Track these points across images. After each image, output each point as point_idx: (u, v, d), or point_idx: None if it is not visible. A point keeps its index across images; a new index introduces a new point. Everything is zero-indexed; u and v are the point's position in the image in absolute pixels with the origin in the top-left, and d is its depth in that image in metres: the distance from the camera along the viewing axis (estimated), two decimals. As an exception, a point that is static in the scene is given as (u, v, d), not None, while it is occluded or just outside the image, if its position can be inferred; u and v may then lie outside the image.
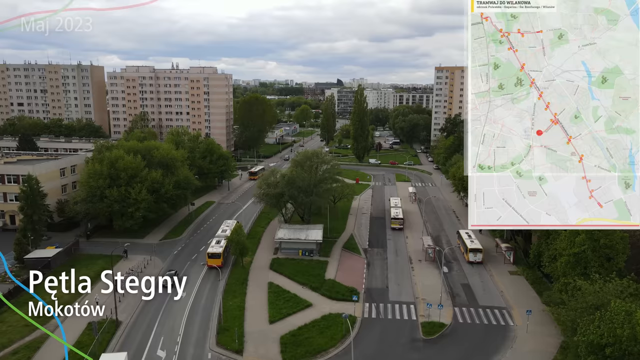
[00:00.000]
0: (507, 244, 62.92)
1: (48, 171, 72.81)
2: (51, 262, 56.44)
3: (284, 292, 52.04)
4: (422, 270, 59.46)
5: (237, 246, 57.56)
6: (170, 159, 75.58)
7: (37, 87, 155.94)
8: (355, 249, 67.18)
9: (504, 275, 57.39)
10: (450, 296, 51.92)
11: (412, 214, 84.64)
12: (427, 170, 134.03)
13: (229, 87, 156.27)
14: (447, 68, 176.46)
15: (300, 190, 69.67)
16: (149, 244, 66.32)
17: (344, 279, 56.12)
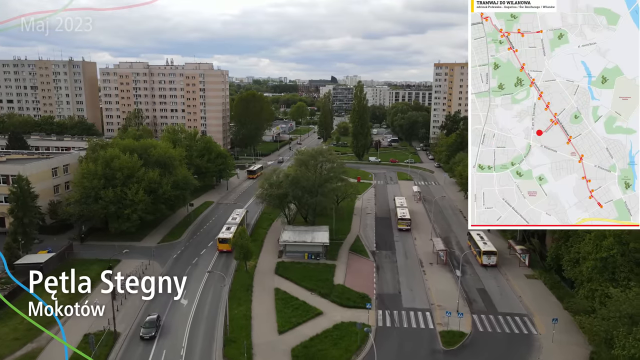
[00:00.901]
0: (522, 246, 60.46)
1: (39, 171, 69.31)
2: (43, 268, 53.02)
3: (292, 299, 49.22)
4: (434, 274, 56.89)
5: (240, 250, 54.66)
6: (168, 157, 72.35)
7: (27, 84, 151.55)
8: (363, 251, 64.47)
9: (520, 279, 54.96)
10: (467, 302, 49.37)
11: (418, 214, 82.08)
12: (428, 168, 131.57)
13: (225, 83, 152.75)
14: (447, 65, 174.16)
15: (305, 191, 66.82)
16: (147, 247, 63.20)
17: (353, 284, 53.41)
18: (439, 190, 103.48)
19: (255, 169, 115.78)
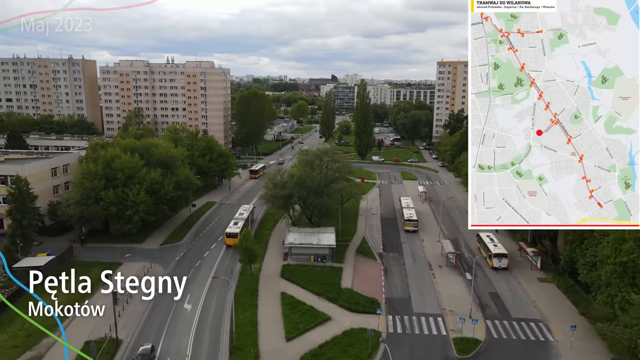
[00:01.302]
0: (533, 248, 58.97)
1: (38, 171, 67.77)
2: (43, 271, 51.46)
3: (299, 304, 47.71)
4: (444, 277, 55.43)
5: (245, 253, 53.18)
6: (170, 157, 70.79)
7: (27, 82, 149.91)
8: (370, 253, 62.98)
9: (533, 283, 53.49)
10: (480, 307, 47.91)
11: (424, 215, 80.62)
12: (432, 167, 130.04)
13: (226, 82, 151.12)
14: (450, 63, 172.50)
15: (311, 191, 65.31)
16: (149, 250, 61.76)
17: (361, 288, 51.94)
18: (445, 190, 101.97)
19: (258, 168, 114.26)
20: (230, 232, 63.92)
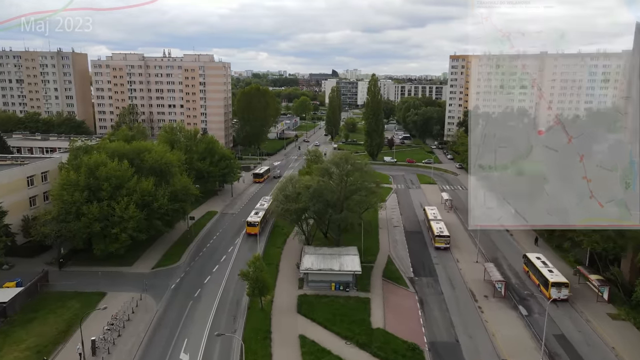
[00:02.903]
0: (598, 275, 49.49)
1: (11, 180, 58.03)
2: (7, 308, 42.31)
3: (324, 353, 38.21)
4: (493, 312, 46.01)
5: (255, 284, 43.72)
6: (165, 163, 61.16)
7: (12, 77, 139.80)
8: (399, 278, 53.54)
9: (604, 321, 44.11)
10: (548, 357, 38.49)
11: (452, 227, 70.94)
12: (450, 169, 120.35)
13: (227, 77, 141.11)
14: (463, 56, 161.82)
15: (329, 205, 55.76)
16: (139, 275, 52.34)
17: (396, 328, 42.54)
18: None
19: (262, 171, 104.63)
20: (251, 221, 66.21)
